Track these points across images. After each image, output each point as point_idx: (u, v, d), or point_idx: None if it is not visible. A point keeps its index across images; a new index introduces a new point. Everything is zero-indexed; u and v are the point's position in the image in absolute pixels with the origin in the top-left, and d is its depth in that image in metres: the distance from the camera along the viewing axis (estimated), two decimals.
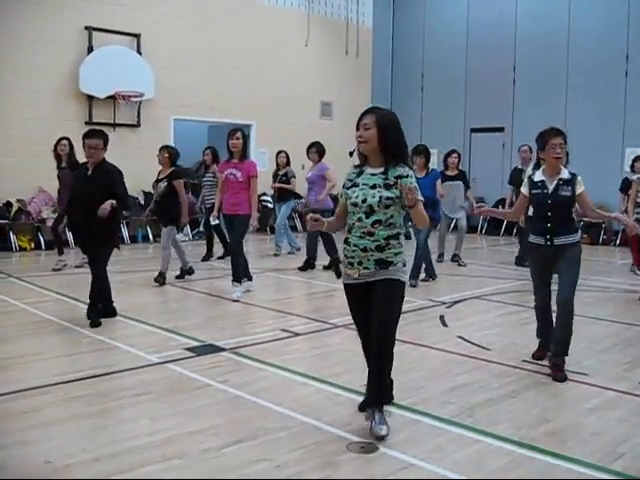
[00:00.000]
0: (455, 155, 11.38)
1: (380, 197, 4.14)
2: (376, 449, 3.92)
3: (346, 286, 4.43)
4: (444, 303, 8.09)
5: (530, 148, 10.48)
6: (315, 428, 4.24)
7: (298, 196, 14.31)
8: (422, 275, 9.55)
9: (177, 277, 9.49)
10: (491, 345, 6.27)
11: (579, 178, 5.53)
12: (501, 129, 16.83)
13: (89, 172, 6.84)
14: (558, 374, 5.39)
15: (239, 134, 8.23)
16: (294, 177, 12.34)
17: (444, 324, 7.09)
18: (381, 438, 4.04)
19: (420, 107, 18.55)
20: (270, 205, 15.08)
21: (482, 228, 16.95)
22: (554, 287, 5.65)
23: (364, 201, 4.17)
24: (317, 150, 10.80)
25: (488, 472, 3.67)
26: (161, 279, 9.10)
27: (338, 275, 7.59)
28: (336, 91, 17.75)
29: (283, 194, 12.40)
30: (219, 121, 15.50)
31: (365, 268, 4.21)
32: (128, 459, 3.75)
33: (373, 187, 4.18)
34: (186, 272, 9.56)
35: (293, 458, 3.80)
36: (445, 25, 17.99)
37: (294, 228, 15.57)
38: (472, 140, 17.27)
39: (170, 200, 9.10)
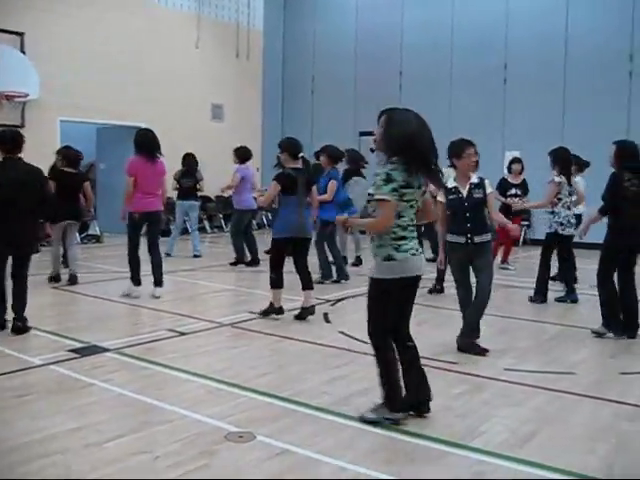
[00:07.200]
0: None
1: (367, 193, 4.41)
2: (253, 438, 4.12)
3: None
4: (328, 301, 8.36)
5: None
6: (195, 421, 4.40)
7: (206, 198, 14.59)
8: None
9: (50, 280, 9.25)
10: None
11: (487, 181, 6.21)
12: None
13: None
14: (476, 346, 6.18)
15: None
16: (201, 179, 12.55)
17: (327, 321, 7.34)
18: (358, 419, 4.44)
19: (311, 110, 18.89)
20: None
21: None
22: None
23: None
24: (236, 154, 11.45)
25: (356, 453, 3.93)
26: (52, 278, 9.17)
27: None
28: (227, 93, 17.84)
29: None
30: (108, 123, 15.33)
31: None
32: (9, 458, 3.80)
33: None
34: (53, 278, 9.30)
35: (173, 449, 3.94)
36: (335, 30, 18.37)
37: (203, 229, 15.77)
38: (361, 143, 17.69)
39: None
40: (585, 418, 4.68)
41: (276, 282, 7.34)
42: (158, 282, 8.50)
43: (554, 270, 9.02)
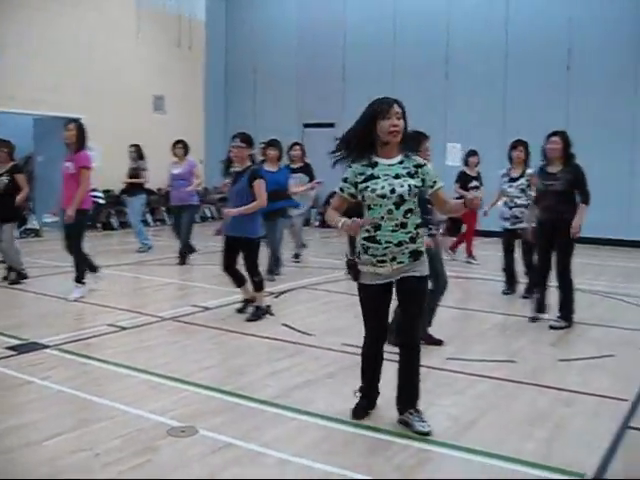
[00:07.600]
0: (297, 147, 11.11)
1: (409, 186, 4.04)
2: (196, 432, 4.08)
3: (369, 287, 4.21)
4: (272, 293, 8.32)
5: None
6: (137, 416, 4.34)
7: (150, 191, 14.32)
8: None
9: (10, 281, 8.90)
10: (314, 331, 6.58)
11: None
12: (332, 124, 17.36)
13: None
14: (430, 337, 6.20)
15: (71, 125, 8.13)
16: (144, 170, 12.36)
17: (270, 313, 7.31)
18: (427, 434, 4.12)
19: (253, 102, 18.82)
20: (101, 201, 14.90)
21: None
22: None
23: (392, 191, 4.02)
24: (183, 146, 11.15)
25: (300, 446, 3.94)
26: (18, 277, 8.83)
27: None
28: (169, 84, 17.62)
29: (131, 188, 12.43)
30: (46, 114, 14.97)
31: (399, 263, 4.09)
32: None
33: (397, 177, 4.07)
34: (22, 276, 8.96)
35: (114, 446, 3.88)
36: (276, 23, 18.35)
37: (144, 222, 15.43)
38: (305, 135, 17.70)
39: (11, 195, 8.78)
40: (525, 405, 4.77)
41: (263, 283, 7.24)
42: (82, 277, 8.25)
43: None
